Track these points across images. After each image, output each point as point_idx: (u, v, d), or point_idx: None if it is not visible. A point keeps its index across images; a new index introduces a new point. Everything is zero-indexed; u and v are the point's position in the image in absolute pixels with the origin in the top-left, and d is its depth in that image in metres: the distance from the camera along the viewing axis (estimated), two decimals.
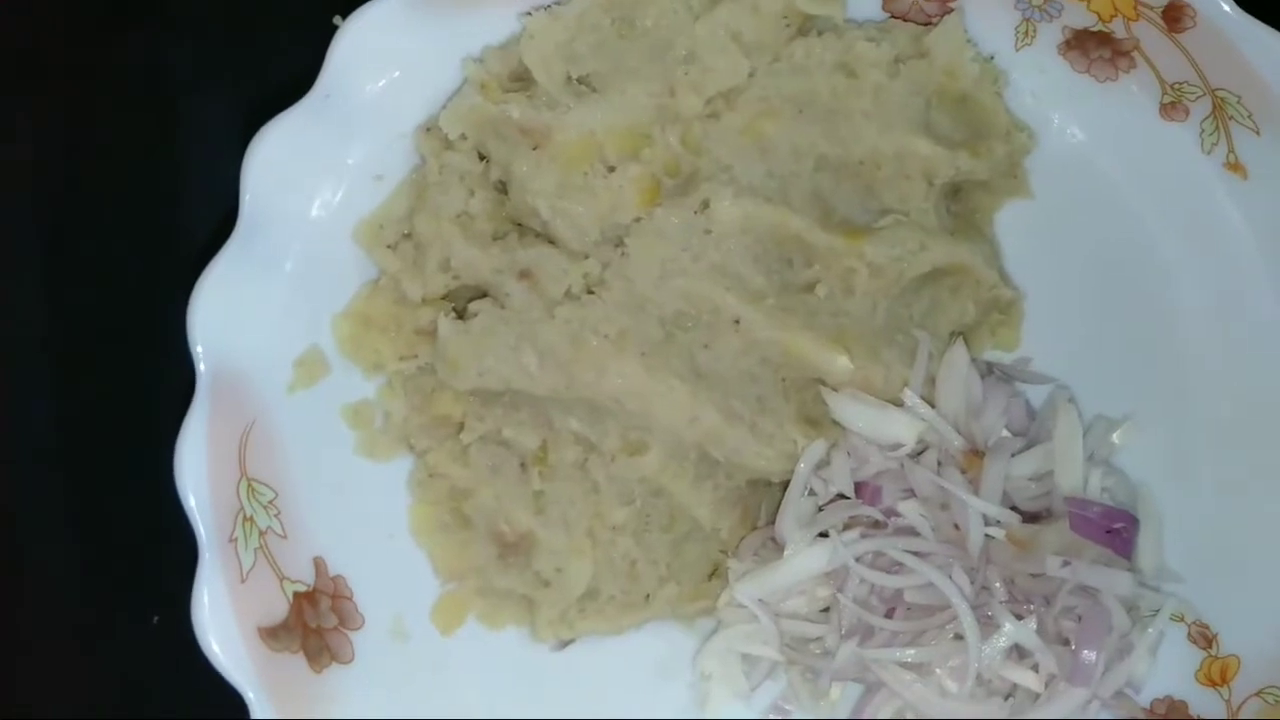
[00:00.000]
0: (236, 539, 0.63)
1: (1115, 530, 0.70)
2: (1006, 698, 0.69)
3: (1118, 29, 0.70)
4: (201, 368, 0.63)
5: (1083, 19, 0.70)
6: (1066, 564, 0.68)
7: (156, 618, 0.75)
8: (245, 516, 0.64)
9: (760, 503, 0.76)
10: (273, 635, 0.64)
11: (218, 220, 0.66)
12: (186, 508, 0.62)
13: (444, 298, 0.73)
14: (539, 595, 0.74)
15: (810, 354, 0.72)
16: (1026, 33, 0.73)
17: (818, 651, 0.73)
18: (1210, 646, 0.69)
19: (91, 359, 0.76)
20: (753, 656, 0.74)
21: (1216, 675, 0.68)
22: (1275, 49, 0.66)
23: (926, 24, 0.74)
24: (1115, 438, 0.75)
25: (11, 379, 0.76)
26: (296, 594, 0.65)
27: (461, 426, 0.74)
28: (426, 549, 0.73)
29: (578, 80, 0.71)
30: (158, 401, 0.69)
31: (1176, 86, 0.70)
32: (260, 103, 0.67)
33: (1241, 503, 0.71)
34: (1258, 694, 0.66)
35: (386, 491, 0.72)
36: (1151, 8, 0.68)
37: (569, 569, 0.73)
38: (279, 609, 0.65)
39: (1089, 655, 0.68)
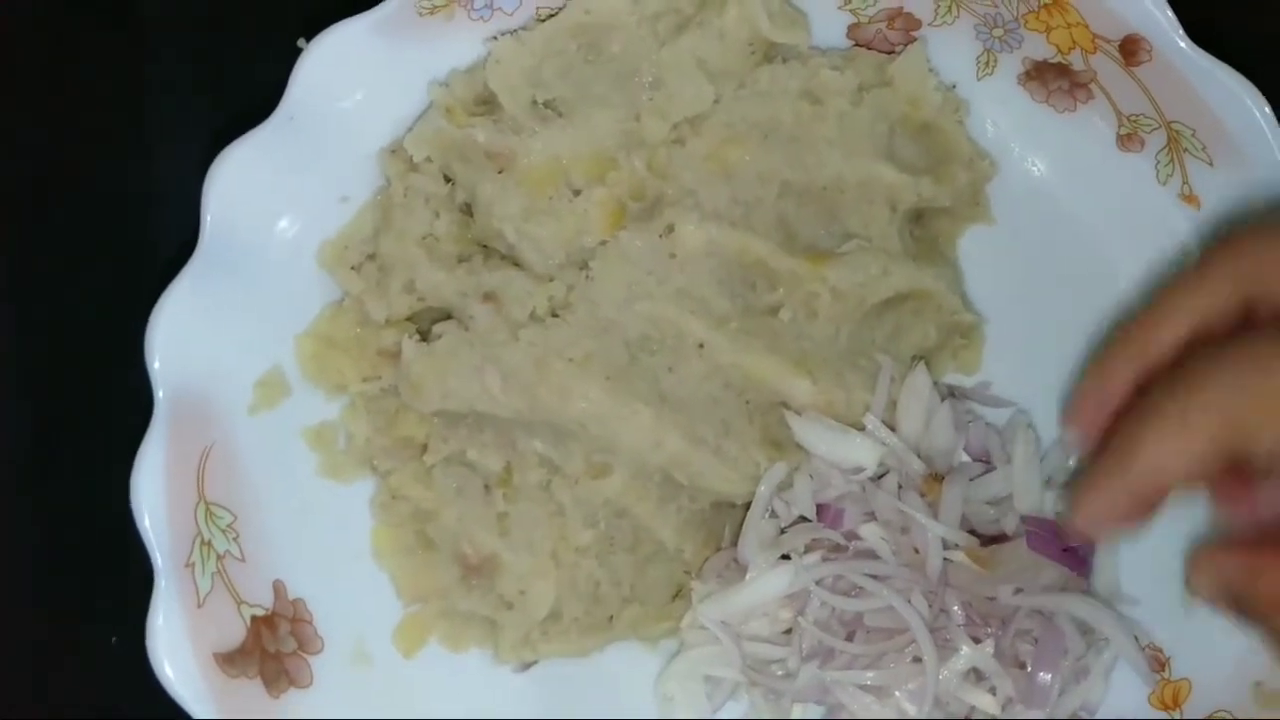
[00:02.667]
0: (194, 564, 0.62)
1: (1072, 549, 0.71)
2: None
3: (1076, 61, 0.71)
4: (160, 393, 0.63)
5: (1042, 50, 0.72)
6: (1019, 591, 0.69)
7: (115, 638, 0.74)
8: (203, 540, 0.63)
9: (724, 524, 0.76)
10: (229, 661, 0.63)
11: (183, 238, 0.66)
12: (142, 534, 0.61)
13: (408, 319, 0.73)
14: (502, 617, 0.73)
15: (773, 378, 0.72)
16: (987, 63, 0.74)
17: (779, 673, 0.73)
18: (1163, 670, 0.70)
19: (52, 376, 0.75)
20: (715, 678, 0.75)
21: (1169, 699, 0.69)
22: (1228, 85, 0.67)
23: (890, 52, 0.75)
24: (1072, 461, 0.76)
25: None
26: (254, 618, 0.65)
27: (425, 448, 0.73)
28: (389, 571, 0.73)
29: (544, 105, 0.71)
30: (119, 420, 0.68)
31: (1133, 118, 0.71)
32: (229, 118, 0.66)
33: (1194, 527, 0.72)
34: (1209, 717, 0.67)
35: (348, 514, 0.72)
36: (1109, 41, 0.69)
37: (532, 591, 0.73)
38: (236, 634, 0.64)
39: (1044, 678, 0.69)
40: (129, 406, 0.67)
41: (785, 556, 0.72)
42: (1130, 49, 0.68)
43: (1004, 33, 0.72)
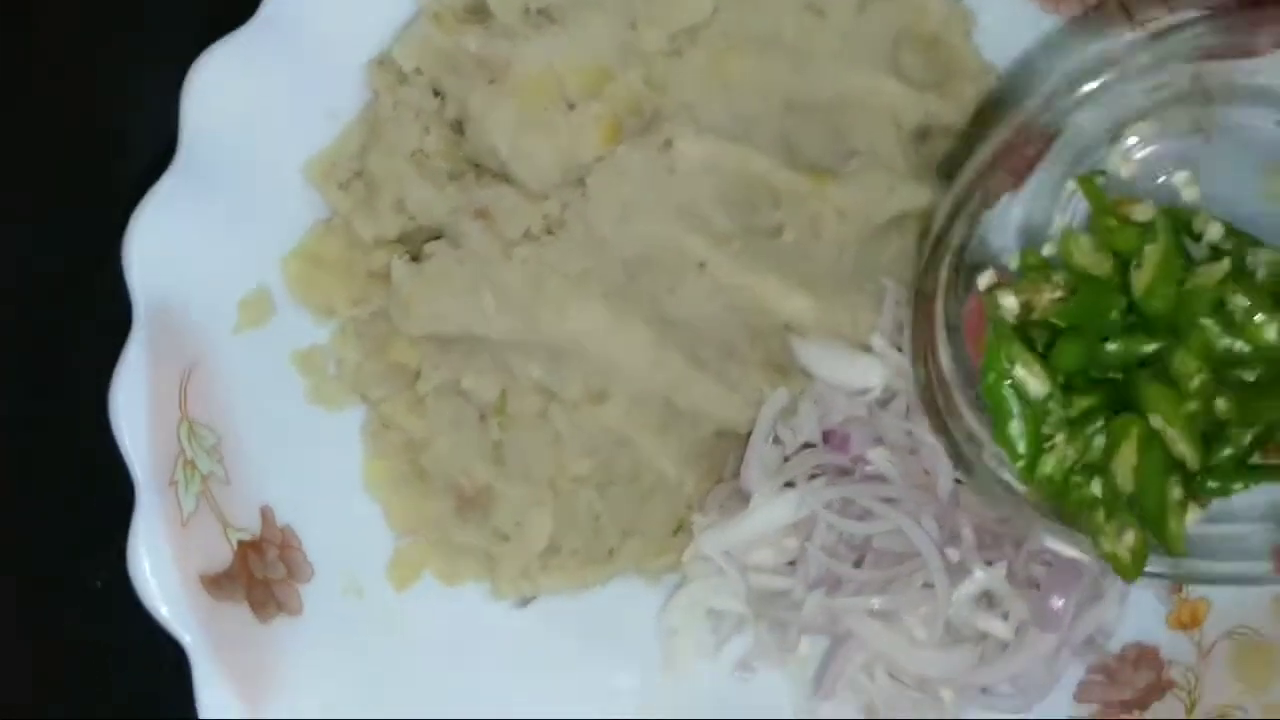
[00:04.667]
0: (177, 482, 0.60)
1: None
2: (976, 645, 0.68)
3: None
4: (139, 305, 0.60)
5: None
6: None
7: (100, 582, 0.72)
8: (186, 460, 0.61)
9: (726, 456, 0.74)
10: (216, 584, 0.61)
11: (160, 148, 0.63)
12: (121, 447, 0.59)
13: (398, 240, 0.70)
14: (498, 550, 0.71)
15: (776, 298, 0.70)
16: None
17: (785, 605, 0.71)
18: (1180, 590, 0.68)
19: (24, 300, 0.72)
20: (719, 611, 0.73)
21: (1187, 618, 0.67)
22: None
23: None
24: None
25: None
26: (241, 542, 0.63)
27: (417, 375, 0.71)
28: (381, 502, 0.71)
29: (537, 12, 0.68)
30: (94, 348, 0.65)
31: (1144, 22, 0.69)
32: (210, 20, 0.64)
33: None
34: (1228, 635, 0.66)
35: (339, 441, 0.69)
36: None
37: (529, 521, 0.71)
38: (222, 557, 0.62)
39: (1058, 601, 0.67)
40: (107, 332, 0.64)
41: (790, 484, 0.70)
42: None
43: None
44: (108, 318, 0.64)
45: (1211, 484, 0.51)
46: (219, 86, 0.62)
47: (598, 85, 0.69)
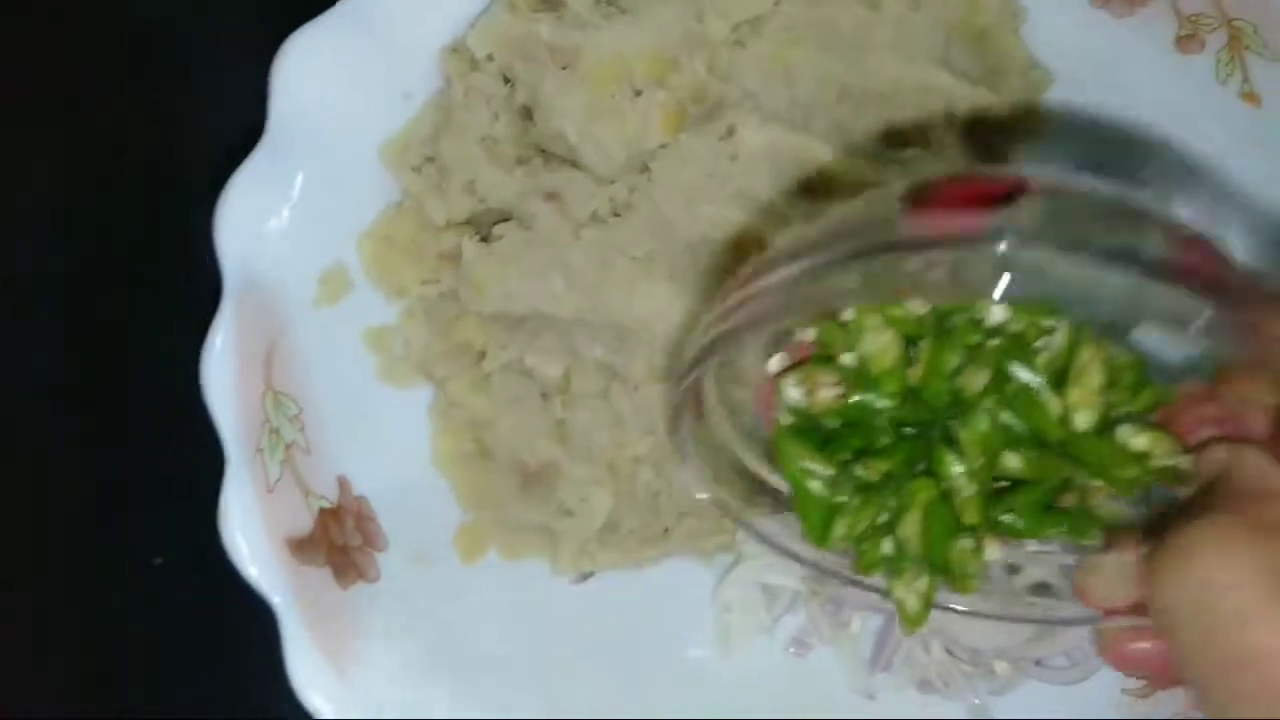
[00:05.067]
0: (263, 449, 0.62)
1: None
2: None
3: None
4: (229, 276, 0.62)
5: None
6: None
7: (160, 560, 0.73)
8: (271, 428, 0.62)
9: None
10: (300, 548, 0.62)
11: (237, 135, 0.65)
12: (212, 415, 0.60)
13: (468, 222, 0.72)
14: (560, 526, 0.73)
15: None
16: None
17: (838, 583, 0.72)
18: None
19: (109, 278, 0.74)
20: (773, 587, 0.74)
21: None
22: None
23: None
24: None
25: (20, 300, 0.74)
26: (322, 510, 0.64)
27: (483, 355, 0.73)
28: (448, 478, 0.72)
29: (607, 2, 0.71)
30: (171, 330, 0.67)
31: (1193, 19, 0.71)
32: (280, 12, 0.66)
33: None
34: None
35: (410, 416, 0.71)
36: None
37: (591, 499, 0.73)
38: (305, 523, 0.63)
39: None
40: (185, 310, 0.66)
41: None
42: None
43: None
44: (182, 299, 0.66)
45: (1006, 522, 0.49)
46: (306, 68, 0.64)
47: (664, 73, 0.71)
